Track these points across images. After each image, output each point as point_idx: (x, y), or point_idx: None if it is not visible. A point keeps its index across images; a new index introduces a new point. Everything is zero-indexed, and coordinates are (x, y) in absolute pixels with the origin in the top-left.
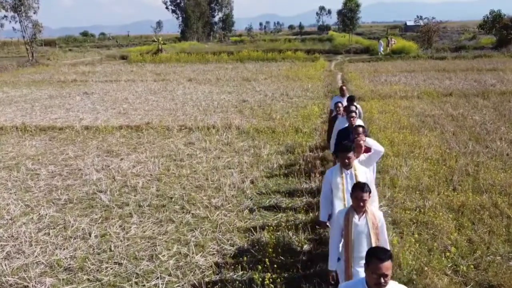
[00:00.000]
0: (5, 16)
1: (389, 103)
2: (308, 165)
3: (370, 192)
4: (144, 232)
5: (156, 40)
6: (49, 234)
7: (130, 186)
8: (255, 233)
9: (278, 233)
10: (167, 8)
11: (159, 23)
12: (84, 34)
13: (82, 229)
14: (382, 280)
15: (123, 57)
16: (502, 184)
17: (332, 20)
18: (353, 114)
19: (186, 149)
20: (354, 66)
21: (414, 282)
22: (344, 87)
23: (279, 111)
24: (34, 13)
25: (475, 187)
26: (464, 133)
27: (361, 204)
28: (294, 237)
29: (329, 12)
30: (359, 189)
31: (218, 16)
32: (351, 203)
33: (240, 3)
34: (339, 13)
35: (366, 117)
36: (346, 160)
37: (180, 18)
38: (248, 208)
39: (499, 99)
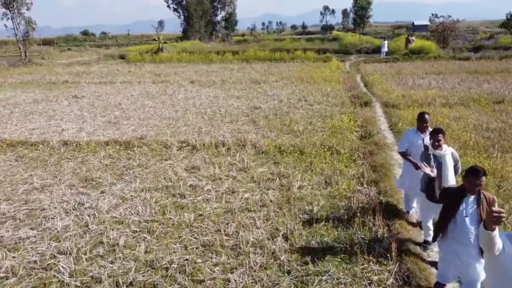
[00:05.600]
0: None
1: (435, 113)
2: (363, 211)
3: None
4: None
5: (156, 39)
6: None
7: (108, 245)
8: None
9: None
10: (168, 6)
11: (160, 23)
12: (85, 33)
13: None
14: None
15: (122, 57)
16: None
17: (335, 20)
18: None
19: (188, 177)
20: (371, 67)
21: None
22: (426, 116)
23: (300, 122)
24: (27, 9)
25: None
26: None
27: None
28: None
29: (333, 11)
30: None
31: (220, 15)
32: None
33: (242, 3)
34: (344, 12)
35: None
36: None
37: (182, 17)
38: None
39: None
